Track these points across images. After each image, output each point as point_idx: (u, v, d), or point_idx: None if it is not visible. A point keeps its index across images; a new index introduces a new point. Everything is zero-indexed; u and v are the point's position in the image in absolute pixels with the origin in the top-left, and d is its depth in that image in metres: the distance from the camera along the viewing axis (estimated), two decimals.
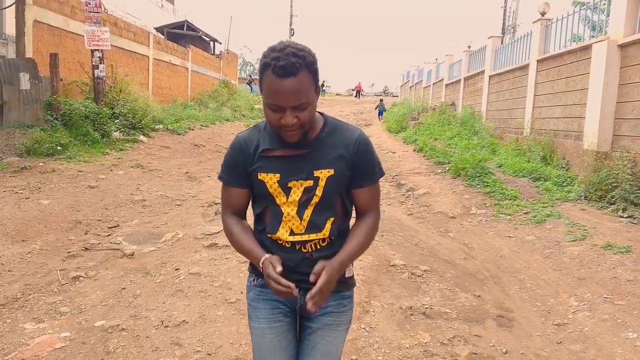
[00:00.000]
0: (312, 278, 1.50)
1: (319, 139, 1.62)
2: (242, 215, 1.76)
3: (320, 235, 1.64)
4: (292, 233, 1.63)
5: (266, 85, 1.48)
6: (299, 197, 1.60)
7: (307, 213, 1.62)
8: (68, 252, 4.93)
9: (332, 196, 1.60)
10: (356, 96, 49.12)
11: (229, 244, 5.13)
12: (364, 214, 1.72)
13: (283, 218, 1.62)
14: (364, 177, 1.66)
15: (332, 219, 1.64)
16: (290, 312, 1.74)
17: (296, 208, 1.61)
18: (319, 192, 1.60)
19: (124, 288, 4.11)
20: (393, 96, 51.54)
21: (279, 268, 1.50)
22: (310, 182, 1.59)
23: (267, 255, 1.56)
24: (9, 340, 3.20)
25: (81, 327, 3.41)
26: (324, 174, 1.59)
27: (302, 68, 1.45)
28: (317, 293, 1.48)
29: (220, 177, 1.70)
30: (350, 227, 1.74)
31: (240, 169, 1.65)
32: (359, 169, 1.64)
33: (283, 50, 1.46)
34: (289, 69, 1.43)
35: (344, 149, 1.62)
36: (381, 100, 31.24)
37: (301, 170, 1.59)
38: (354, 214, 1.76)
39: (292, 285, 1.47)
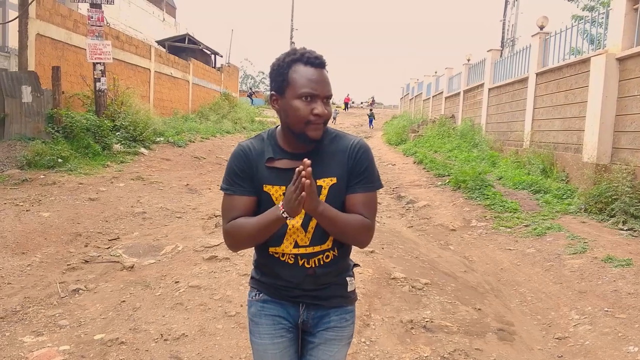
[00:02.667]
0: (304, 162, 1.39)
1: (322, 147, 1.62)
2: None
3: (324, 247, 1.63)
4: (296, 245, 1.62)
5: (299, 76, 1.53)
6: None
7: (312, 224, 1.60)
8: (68, 265, 4.92)
9: (335, 205, 1.57)
10: (345, 109, 48.24)
11: (229, 256, 5.16)
12: None
13: (287, 230, 1.61)
14: (359, 182, 1.61)
15: None
16: (293, 327, 1.73)
17: (301, 220, 1.60)
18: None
19: (124, 301, 4.09)
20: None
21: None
22: None
23: (280, 202, 1.50)
24: (7, 354, 3.18)
25: (80, 340, 3.39)
26: (326, 183, 1.59)
27: (325, 63, 1.58)
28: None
29: (222, 188, 1.66)
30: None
31: (245, 176, 1.62)
32: (355, 173, 1.62)
33: (304, 49, 1.58)
34: (322, 60, 1.56)
35: (343, 155, 1.62)
36: (371, 110, 37.51)
37: None
38: None
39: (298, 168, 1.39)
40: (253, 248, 1.74)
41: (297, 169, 1.40)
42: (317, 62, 1.54)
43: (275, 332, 1.70)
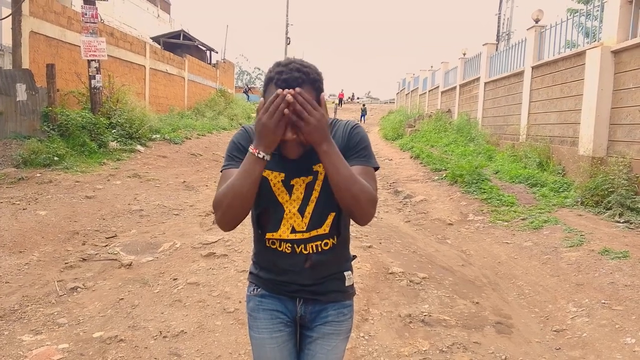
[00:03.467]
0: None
1: None
2: None
3: (320, 232, 1.62)
4: (293, 231, 1.61)
5: (268, 97, 1.47)
6: (302, 194, 1.60)
7: (309, 209, 1.61)
8: (65, 263, 4.91)
9: (331, 192, 1.54)
10: (338, 104, 46.04)
11: (227, 253, 5.15)
12: None
13: (284, 215, 1.61)
14: (353, 156, 1.59)
15: (333, 214, 1.63)
16: (291, 321, 1.73)
17: (298, 205, 1.60)
18: (317, 186, 1.59)
19: (122, 298, 4.09)
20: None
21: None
22: (310, 178, 1.59)
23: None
24: (6, 353, 3.18)
25: (79, 339, 3.39)
26: (323, 168, 1.58)
27: (304, 83, 1.45)
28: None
29: (222, 168, 1.63)
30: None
31: (243, 151, 1.58)
32: (349, 149, 1.59)
33: (287, 65, 1.47)
34: (291, 83, 1.43)
35: (340, 140, 1.61)
36: (364, 105, 38.66)
37: (303, 167, 1.59)
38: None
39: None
40: (252, 243, 1.74)
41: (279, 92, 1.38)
42: (283, 86, 1.42)
43: (273, 327, 1.71)
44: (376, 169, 1.65)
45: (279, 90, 1.38)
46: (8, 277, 4.48)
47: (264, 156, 1.44)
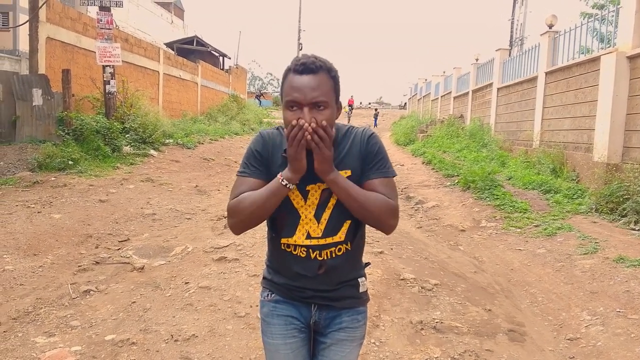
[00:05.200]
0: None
1: (335, 141, 1.61)
2: None
3: (336, 239, 1.62)
4: (308, 236, 1.61)
5: (286, 85, 1.53)
6: (317, 199, 1.60)
7: (325, 216, 1.61)
8: (79, 266, 4.96)
9: None
10: (350, 111, 45.13)
11: (238, 257, 5.16)
12: None
13: (300, 221, 1.61)
14: (372, 168, 1.61)
15: (348, 222, 1.63)
16: (305, 327, 1.73)
17: (314, 211, 1.60)
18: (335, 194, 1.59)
19: (134, 302, 4.12)
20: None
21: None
22: (326, 184, 1.58)
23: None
24: (20, 354, 3.21)
25: (92, 341, 3.42)
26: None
27: (322, 69, 1.52)
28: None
29: (238, 172, 1.66)
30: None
31: (262, 160, 1.63)
32: (368, 160, 1.61)
33: (305, 55, 1.56)
34: (309, 66, 1.51)
35: (357, 147, 1.63)
36: (376, 110, 40.61)
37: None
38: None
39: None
40: (265, 247, 1.75)
41: (293, 122, 1.46)
42: (300, 69, 1.50)
43: (287, 333, 1.70)
44: (393, 175, 1.68)
45: (294, 122, 1.46)
46: (22, 280, 4.53)
47: (286, 184, 1.52)
